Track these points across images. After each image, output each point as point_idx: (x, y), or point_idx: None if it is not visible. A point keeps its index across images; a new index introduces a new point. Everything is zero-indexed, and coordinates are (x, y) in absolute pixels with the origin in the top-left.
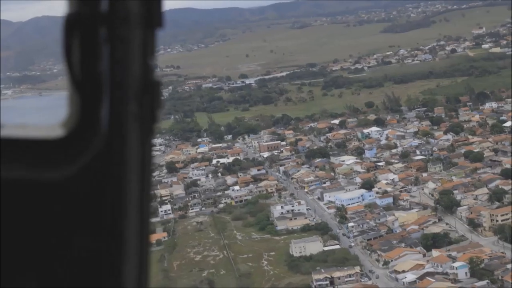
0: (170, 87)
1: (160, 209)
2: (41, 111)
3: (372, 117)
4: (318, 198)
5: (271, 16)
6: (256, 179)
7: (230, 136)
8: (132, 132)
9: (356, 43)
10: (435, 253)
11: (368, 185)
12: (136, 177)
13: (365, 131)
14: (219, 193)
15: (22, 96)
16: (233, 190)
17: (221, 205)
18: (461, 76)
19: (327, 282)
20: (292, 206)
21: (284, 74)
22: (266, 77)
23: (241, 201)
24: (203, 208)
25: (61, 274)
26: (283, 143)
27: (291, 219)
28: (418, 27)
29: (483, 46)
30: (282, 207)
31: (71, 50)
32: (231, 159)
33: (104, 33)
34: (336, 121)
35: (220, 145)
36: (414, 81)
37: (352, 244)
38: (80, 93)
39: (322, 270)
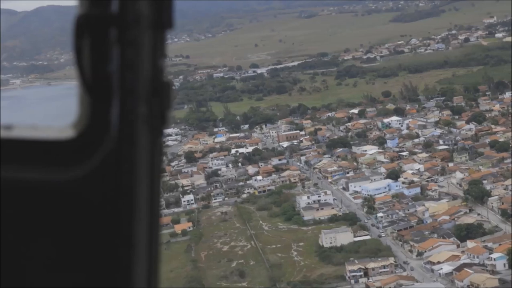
0: (181, 77)
1: (183, 199)
2: (50, 101)
3: (391, 106)
4: (343, 188)
5: (277, 5)
6: (278, 169)
7: (246, 126)
8: (141, 134)
9: (365, 33)
10: (470, 244)
11: (393, 175)
12: (146, 179)
13: (385, 120)
14: (241, 183)
15: (31, 86)
16: (255, 180)
17: (244, 195)
18: (476, 66)
19: (361, 273)
20: (319, 196)
21: (296, 63)
22: (278, 66)
23: (264, 191)
24: (226, 198)
25: (72, 275)
26: (302, 132)
27: (318, 209)
28: (428, 16)
29: (496, 35)
30: (308, 197)
31: (82, 52)
32: (250, 149)
33: (114, 35)
34: (355, 111)
35: (237, 134)
36: (428, 71)
37: (383, 234)
38: (91, 94)
39: (356, 261)
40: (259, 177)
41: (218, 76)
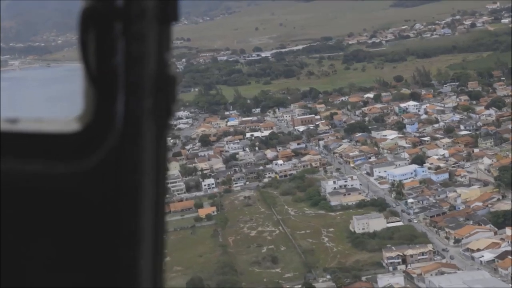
0: (183, 60)
1: (203, 183)
2: (52, 83)
3: (405, 91)
4: (367, 173)
5: None
6: (297, 154)
7: (258, 110)
8: (147, 127)
9: (367, 17)
10: (508, 231)
11: (419, 160)
12: (151, 173)
13: (402, 105)
14: (261, 168)
15: (30, 67)
16: (276, 164)
17: (265, 180)
18: (485, 51)
19: (399, 260)
20: (345, 182)
21: (300, 47)
22: (283, 50)
23: (285, 175)
24: (247, 183)
25: (75, 272)
26: (317, 117)
27: (345, 194)
28: (429, 1)
29: (502, 21)
30: (334, 182)
31: (87, 45)
32: (265, 133)
33: (119, 28)
34: (370, 95)
35: (250, 118)
36: (437, 56)
37: (415, 221)
38: (96, 88)
39: (393, 247)
40: (280, 161)
41: (221, 59)
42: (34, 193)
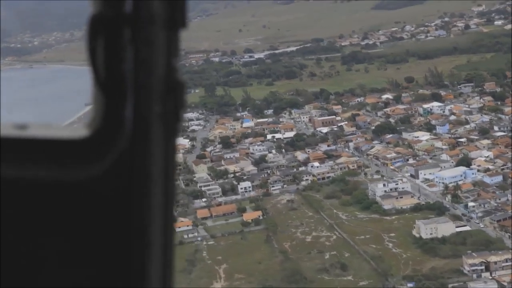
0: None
1: (239, 186)
2: (39, 84)
3: (423, 92)
4: (411, 176)
5: None
6: (329, 156)
7: (270, 111)
8: (156, 132)
9: (351, 19)
10: None
11: (465, 162)
12: (160, 177)
13: (425, 106)
14: (295, 170)
15: (12, 68)
16: (312, 166)
17: (303, 183)
18: (487, 52)
19: (482, 267)
20: (396, 184)
21: (294, 49)
22: (276, 51)
23: (323, 178)
24: (285, 186)
25: (86, 273)
26: (338, 118)
27: (397, 197)
28: (411, 4)
29: (495, 23)
30: (384, 185)
31: (96, 51)
32: (287, 135)
33: (128, 34)
34: (389, 96)
35: (265, 120)
36: (438, 57)
37: (481, 225)
38: (105, 93)
39: (474, 254)
40: (316, 164)
41: (214, 61)
42: (45, 199)
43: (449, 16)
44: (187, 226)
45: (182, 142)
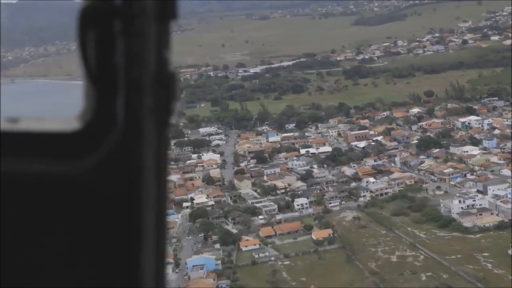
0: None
1: (295, 203)
2: (28, 98)
3: (453, 106)
4: (479, 192)
5: (216, 7)
6: (378, 171)
7: (291, 125)
8: (148, 125)
9: (334, 35)
10: None
11: None
12: (153, 171)
13: (461, 120)
14: (347, 186)
15: None
16: (367, 182)
17: (361, 199)
18: (496, 67)
19: None
20: (474, 201)
21: (290, 63)
22: (272, 66)
23: (381, 194)
24: (342, 202)
25: (78, 268)
26: (371, 132)
27: (477, 215)
28: (391, 20)
29: (491, 38)
30: (460, 201)
31: (87, 44)
32: (322, 149)
33: (119, 26)
34: (417, 110)
35: (291, 134)
36: (445, 71)
37: None
38: (96, 86)
39: None
40: (371, 179)
41: (210, 75)
42: (36, 192)
43: (438, 31)
44: (254, 245)
45: (213, 157)
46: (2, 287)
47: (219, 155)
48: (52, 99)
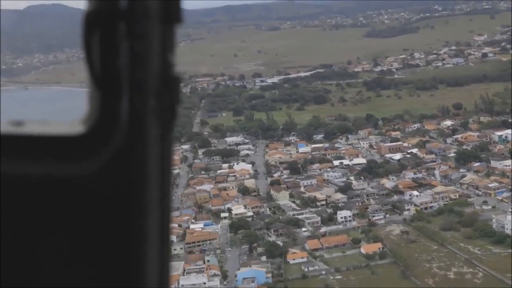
0: (181, 84)
1: (338, 215)
2: (39, 105)
3: (485, 119)
4: None
5: (222, 18)
6: (418, 184)
7: (319, 136)
8: (151, 128)
9: (347, 46)
10: None
11: None
12: (156, 173)
13: (498, 133)
14: (389, 198)
15: (7, 89)
16: (410, 195)
17: (405, 212)
18: None
19: None
20: None
21: (308, 74)
22: (290, 76)
23: (425, 208)
24: (387, 215)
25: (81, 270)
26: (405, 144)
27: None
28: (404, 32)
29: (511, 51)
30: None
31: (91, 46)
32: (356, 161)
33: (123, 29)
34: (451, 123)
35: (321, 145)
36: (469, 84)
37: None
38: (100, 89)
39: None
40: (414, 193)
41: (228, 85)
42: (41, 195)
43: (454, 44)
44: (302, 258)
45: (245, 167)
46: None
47: (251, 165)
48: (67, 105)
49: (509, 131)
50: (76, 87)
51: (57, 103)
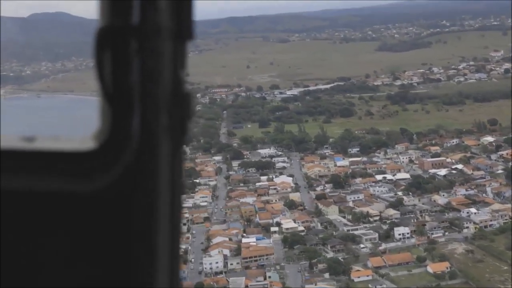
0: (199, 95)
1: (397, 232)
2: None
3: None
4: None
5: (229, 29)
6: (472, 201)
7: (354, 150)
8: (163, 144)
9: (363, 60)
10: None
11: None
12: (167, 189)
13: None
14: (444, 215)
15: (19, 97)
16: (468, 213)
17: (465, 230)
18: None
19: None
20: None
21: (328, 86)
22: (310, 89)
23: (485, 226)
24: (446, 233)
25: (93, 286)
26: (449, 160)
27: None
28: (416, 47)
29: None
30: None
31: (103, 63)
32: (399, 176)
33: (135, 45)
34: (494, 139)
35: (359, 159)
36: (497, 100)
37: None
38: (112, 105)
39: None
40: (473, 210)
41: (249, 96)
42: (52, 211)
43: (472, 59)
44: (367, 276)
45: (286, 180)
46: None
47: (291, 178)
48: (83, 113)
49: None
50: (89, 95)
51: (73, 111)
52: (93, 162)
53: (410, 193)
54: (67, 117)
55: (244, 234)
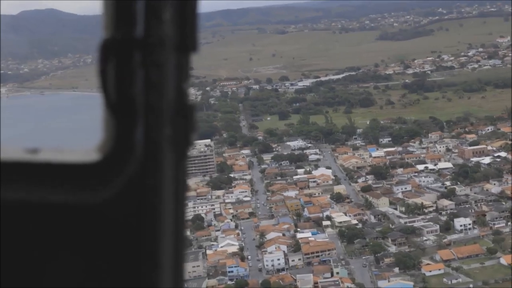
0: (208, 88)
1: (458, 224)
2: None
3: None
4: None
5: (223, 22)
6: None
7: (385, 140)
8: (166, 156)
9: (366, 49)
10: None
11: None
12: (171, 200)
13: None
14: (502, 205)
15: (22, 95)
16: None
17: None
18: None
19: None
20: None
21: (340, 76)
22: (322, 79)
23: None
24: (509, 223)
25: None
26: (489, 148)
27: None
28: (418, 35)
29: None
30: None
31: (107, 74)
32: (441, 165)
33: (139, 57)
34: None
35: (394, 149)
36: None
37: None
38: (115, 117)
39: None
40: None
41: (255, 89)
42: (55, 223)
43: (480, 46)
44: (439, 269)
45: (325, 172)
46: None
47: (330, 171)
48: (91, 111)
49: None
50: (94, 92)
51: (80, 109)
52: (97, 174)
53: (458, 183)
54: (77, 115)
55: (298, 229)
